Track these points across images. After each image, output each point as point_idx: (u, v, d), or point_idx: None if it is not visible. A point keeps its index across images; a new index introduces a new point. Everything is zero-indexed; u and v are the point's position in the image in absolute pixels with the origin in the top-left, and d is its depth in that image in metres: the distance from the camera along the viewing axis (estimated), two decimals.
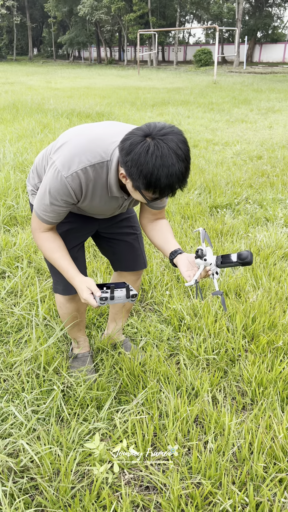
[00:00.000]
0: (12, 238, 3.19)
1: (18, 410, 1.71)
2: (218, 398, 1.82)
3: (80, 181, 1.38)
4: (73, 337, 2.01)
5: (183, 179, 1.26)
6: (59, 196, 1.41)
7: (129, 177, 1.27)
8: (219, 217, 3.76)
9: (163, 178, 1.21)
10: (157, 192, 1.26)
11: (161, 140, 1.21)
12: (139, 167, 1.21)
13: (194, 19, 53.18)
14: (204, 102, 11.96)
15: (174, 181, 1.23)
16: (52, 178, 1.40)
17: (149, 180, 1.22)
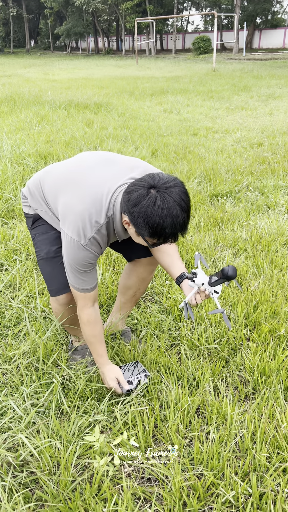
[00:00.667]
0: (10, 231, 3.16)
1: (17, 404, 1.69)
2: (220, 388, 1.80)
3: (98, 242, 1.50)
4: (72, 333, 1.98)
5: (185, 227, 1.36)
6: (85, 261, 1.52)
7: (134, 225, 1.37)
8: (220, 206, 3.71)
9: (167, 228, 1.31)
10: (161, 240, 1.36)
11: (166, 193, 1.30)
12: (145, 218, 1.30)
13: (192, 6, 52.40)
14: (203, 90, 11.81)
15: (177, 230, 1.34)
16: (72, 249, 1.50)
17: (154, 230, 1.32)
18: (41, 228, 1.75)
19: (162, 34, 49.54)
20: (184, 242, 2.98)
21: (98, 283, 1.66)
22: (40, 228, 1.75)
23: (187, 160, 5.06)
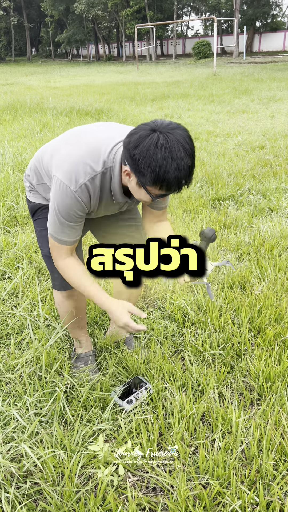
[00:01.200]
0: (13, 239, 3.16)
1: (20, 413, 1.68)
2: (225, 394, 1.77)
3: (89, 192, 1.38)
4: (75, 336, 1.97)
5: (190, 174, 1.25)
6: (71, 211, 1.39)
7: (135, 172, 1.25)
8: (222, 209, 3.70)
9: (171, 171, 1.19)
10: (164, 187, 1.24)
11: (170, 133, 1.20)
12: (147, 160, 1.19)
13: (191, 11, 52.69)
14: (204, 94, 11.83)
15: (182, 175, 1.22)
16: (60, 194, 1.38)
17: (157, 174, 1.20)
18: (42, 222, 1.69)
19: (162, 39, 49.79)
20: None
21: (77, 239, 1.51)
22: (41, 222, 1.70)
23: None
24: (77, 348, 2.01)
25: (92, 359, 1.97)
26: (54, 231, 1.45)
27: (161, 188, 1.24)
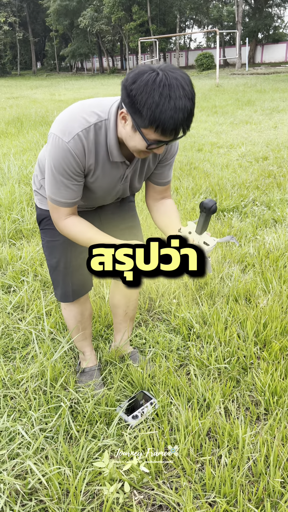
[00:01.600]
0: (18, 252, 3.18)
1: (25, 429, 1.67)
2: (231, 409, 1.76)
3: (83, 144, 1.32)
4: (79, 347, 1.97)
5: (188, 118, 1.18)
6: (65, 165, 1.33)
7: (131, 110, 1.18)
8: (226, 221, 3.71)
9: (168, 110, 1.13)
10: (159, 129, 1.17)
11: (171, 72, 1.15)
12: (144, 95, 1.13)
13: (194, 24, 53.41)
14: (207, 105, 11.93)
15: (179, 116, 1.15)
16: (53, 149, 1.33)
17: (153, 112, 1.14)
18: (48, 232, 1.68)
19: (166, 52, 50.35)
20: None
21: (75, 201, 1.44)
22: (47, 232, 1.69)
23: (193, 176, 5.08)
24: (82, 362, 2.01)
25: (97, 374, 1.97)
26: (52, 192, 1.41)
27: (156, 129, 1.18)
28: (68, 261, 1.69)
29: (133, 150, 1.32)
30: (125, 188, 1.57)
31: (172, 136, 1.21)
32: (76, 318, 1.86)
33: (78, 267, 1.71)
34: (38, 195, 1.67)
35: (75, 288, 1.74)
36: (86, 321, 1.91)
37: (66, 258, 1.68)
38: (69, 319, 1.87)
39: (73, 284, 1.73)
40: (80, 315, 1.86)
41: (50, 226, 1.65)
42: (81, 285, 1.77)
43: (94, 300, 2.48)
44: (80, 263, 1.71)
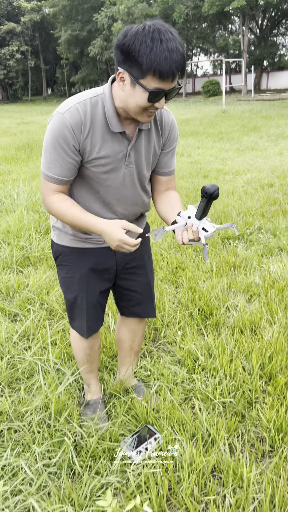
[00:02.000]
0: (25, 280, 3.21)
1: (28, 464, 1.66)
2: (235, 446, 1.74)
3: (80, 115, 1.34)
4: (85, 379, 1.97)
5: (182, 59, 1.22)
6: (60, 137, 1.35)
7: (128, 64, 1.23)
8: (232, 249, 3.73)
9: (162, 51, 1.17)
10: (157, 73, 1.20)
11: (156, 21, 1.23)
12: (137, 44, 1.18)
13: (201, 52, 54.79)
14: (213, 132, 12.13)
15: (173, 57, 1.19)
16: (51, 123, 1.37)
17: (148, 55, 1.17)
18: (65, 268, 1.69)
19: None
20: (197, 288, 2.98)
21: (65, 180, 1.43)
22: (64, 268, 1.70)
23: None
24: (87, 393, 2.00)
25: (101, 406, 1.96)
26: (44, 166, 1.42)
27: (154, 74, 1.20)
28: (84, 298, 1.69)
29: (135, 111, 1.33)
30: (131, 174, 1.52)
31: (169, 80, 1.23)
32: (85, 351, 1.87)
33: (94, 303, 1.72)
34: (55, 230, 1.68)
35: (90, 325, 1.74)
36: (94, 354, 1.91)
37: (83, 294, 1.69)
38: (78, 351, 1.88)
39: (88, 320, 1.73)
40: (90, 349, 1.87)
41: (67, 262, 1.67)
42: (96, 321, 1.77)
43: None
44: (95, 300, 1.72)
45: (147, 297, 1.84)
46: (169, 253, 3.67)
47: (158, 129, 1.54)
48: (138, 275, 1.78)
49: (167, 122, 1.55)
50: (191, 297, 2.89)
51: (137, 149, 1.49)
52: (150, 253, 1.86)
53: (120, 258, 1.71)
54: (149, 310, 1.87)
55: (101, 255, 1.66)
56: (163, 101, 1.31)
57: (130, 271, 1.76)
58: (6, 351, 2.38)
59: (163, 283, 3.16)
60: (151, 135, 1.52)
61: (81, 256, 1.65)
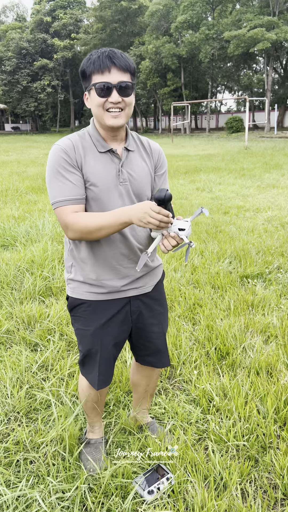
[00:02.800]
0: (46, 310, 3.31)
1: (42, 496, 1.69)
2: (248, 491, 1.74)
3: (71, 141, 1.53)
4: (90, 420, 1.98)
5: (117, 55, 1.44)
6: (58, 159, 1.50)
7: (83, 81, 1.50)
8: (250, 288, 3.76)
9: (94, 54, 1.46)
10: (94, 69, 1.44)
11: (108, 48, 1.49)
12: (84, 62, 1.48)
13: (225, 90, 56.29)
14: (235, 168, 12.33)
15: (104, 54, 1.44)
16: (48, 157, 1.54)
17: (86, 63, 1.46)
18: (79, 321, 1.73)
19: (197, 114, 52.91)
20: (214, 327, 3.01)
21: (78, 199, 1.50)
22: (78, 320, 1.73)
23: (218, 240, 5.21)
24: (89, 433, 2.00)
25: (101, 447, 1.95)
26: (53, 196, 1.50)
27: (93, 72, 1.45)
28: (98, 351, 1.70)
29: (99, 114, 1.50)
30: (128, 191, 1.58)
31: (107, 71, 1.44)
32: (93, 399, 1.85)
33: (107, 357, 1.73)
34: (70, 283, 1.71)
35: (101, 378, 1.74)
36: (101, 399, 1.90)
37: (96, 348, 1.70)
38: (85, 397, 1.86)
39: (100, 374, 1.73)
40: (97, 396, 1.86)
41: (81, 314, 1.70)
42: (108, 374, 1.77)
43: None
44: (109, 354, 1.73)
45: (162, 348, 1.85)
46: (187, 288, 3.73)
47: (147, 153, 1.68)
48: (154, 325, 1.79)
49: (154, 149, 1.70)
50: (208, 335, 2.92)
51: (129, 167, 1.60)
52: (165, 300, 1.87)
53: (135, 307, 1.73)
54: (164, 360, 1.87)
55: (116, 307, 1.69)
56: (116, 95, 1.46)
57: (146, 322, 1.77)
58: (25, 380, 2.44)
59: (181, 319, 3.20)
60: (142, 156, 1.66)
61: (96, 309, 1.68)
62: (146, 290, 1.75)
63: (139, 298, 1.74)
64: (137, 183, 1.61)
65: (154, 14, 38.63)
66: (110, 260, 1.63)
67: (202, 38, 34.77)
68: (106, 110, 1.48)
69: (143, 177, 1.63)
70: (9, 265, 4.17)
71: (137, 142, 1.66)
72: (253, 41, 31.25)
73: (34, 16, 51.56)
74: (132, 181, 1.60)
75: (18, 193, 8.57)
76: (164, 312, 1.86)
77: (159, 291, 1.82)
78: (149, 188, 1.67)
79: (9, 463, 1.89)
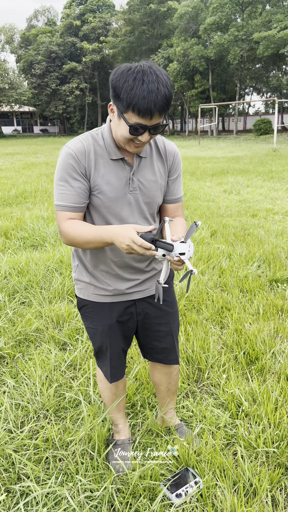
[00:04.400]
0: (74, 310, 3.34)
1: (71, 494, 1.71)
2: (278, 499, 1.70)
3: (82, 144, 1.48)
4: (112, 418, 2.00)
5: (161, 99, 1.30)
6: (66, 164, 1.47)
7: (114, 98, 1.35)
8: (280, 292, 3.69)
9: (141, 91, 1.28)
10: (136, 110, 1.31)
11: (147, 64, 1.33)
12: (121, 81, 1.30)
13: (253, 92, 55.63)
14: (263, 170, 12.15)
15: (152, 97, 1.29)
16: (59, 158, 1.51)
17: (128, 93, 1.29)
18: (89, 319, 1.77)
19: (224, 116, 52.49)
20: (243, 331, 2.97)
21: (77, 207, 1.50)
22: (88, 319, 1.77)
23: (246, 243, 5.14)
24: (115, 434, 2.02)
25: (129, 448, 1.96)
26: (55, 197, 1.51)
27: (133, 111, 1.31)
28: (108, 348, 1.76)
29: (122, 140, 1.44)
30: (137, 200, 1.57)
31: (148, 117, 1.33)
32: (111, 390, 1.91)
33: (117, 352, 1.78)
34: (78, 284, 1.75)
35: (113, 372, 1.81)
36: (120, 393, 1.94)
37: (106, 344, 1.75)
38: (104, 389, 1.92)
39: (112, 368, 1.80)
40: (115, 387, 1.90)
41: (90, 314, 1.75)
42: (119, 368, 1.84)
43: (144, 366, 2.54)
44: (119, 349, 1.78)
45: (169, 346, 1.84)
46: (215, 292, 3.70)
47: (161, 157, 1.62)
48: (161, 325, 1.79)
49: (170, 151, 1.64)
50: (237, 339, 2.88)
51: (141, 175, 1.57)
52: (174, 302, 1.85)
53: (141, 309, 1.75)
54: (172, 358, 1.88)
55: (121, 309, 1.71)
56: (147, 135, 1.40)
57: (152, 322, 1.78)
58: (54, 379, 2.47)
59: (208, 322, 3.17)
60: (154, 163, 1.60)
61: (103, 310, 1.71)
62: (151, 293, 1.76)
63: (144, 300, 1.75)
64: (148, 191, 1.59)
65: (183, 16, 38.59)
66: (113, 266, 1.64)
67: (231, 39, 34.48)
68: (130, 140, 1.44)
69: (154, 185, 1.60)
70: (39, 265, 4.24)
71: (151, 145, 1.61)
72: (283, 42, 30.79)
73: (64, 20, 52.48)
74: (143, 190, 1.58)
75: (46, 194, 8.72)
76: (174, 313, 1.84)
77: (166, 292, 1.80)
78: (160, 196, 1.65)
79: (38, 459, 1.92)
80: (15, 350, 2.82)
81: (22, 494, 1.76)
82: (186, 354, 2.71)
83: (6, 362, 2.72)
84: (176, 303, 1.87)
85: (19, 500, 1.71)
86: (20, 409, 2.25)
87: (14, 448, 1.97)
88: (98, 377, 1.95)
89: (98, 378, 1.95)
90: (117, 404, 1.95)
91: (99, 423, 2.00)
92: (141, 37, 45.67)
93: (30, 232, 5.53)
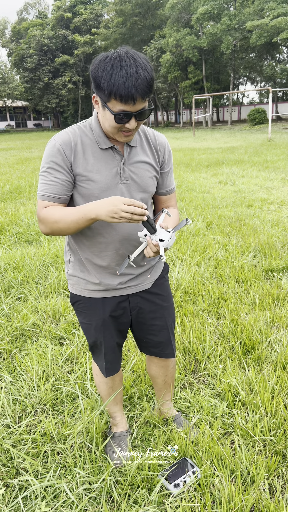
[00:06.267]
0: (70, 304, 3.34)
1: (69, 487, 1.72)
2: (275, 486, 1.71)
3: (69, 136, 1.46)
4: (109, 410, 2.00)
5: (141, 83, 1.28)
6: (51, 157, 1.45)
7: (95, 89, 1.33)
8: (275, 282, 3.70)
9: (120, 77, 1.25)
10: (118, 97, 1.28)
11: (123, 49, 1.31)
12: (100, 71, 1.29)
13: (247, 81, 55.33)
14: (258, 160, 12.12)
15: (132, 82, 1.26)
16: (45, 149, 1.50)
17: (108, 81, 1.27)
18: (82, 314, 1.76)
19: (219, 107, 52.24)
20: (239, 321, 2.98)
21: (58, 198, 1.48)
22: (81, 314, 1.76)
23: (242, 233, 5.14)
24: (113, 426, 2.03)
25: (127, 440, 1.96)
26: (38, 188, 1.50)
27: (115, 98, 1.29)
28: (102, 343, 1.75)
29: (110, 130, 1.42)
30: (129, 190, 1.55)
31: (131, 103, 1.30)
32: (107, 384, 1.91)
33: (111, 347, 1.77)
34: (70, 279, 1.74)
35: (108, 366, 1.80)
36: (116, 386, 1.94)
37: (100, 340, 1.75)
38: (100, 383, 1.92)
39: (107, 362, 1.80)
40: (111, 381, 1.90)
41: (83, 309, 1.73)
42: (114, 362, 1.83)
43: (140, 358, 2.54)
44: (113, 343, 1.77)
45: (164, 340, 1.83)
46: (211, 282, 3.70)
47: (152, 149, 1.60)
48: (156, 319, 1.78)
49: (160, 142, 1.62)
50: (233, 329, 2.89)
51: (132, 164, 1.54)
52: (169, 296, 1.84)
53: (134, 303, 1.74)
54: (167, 351, 1.87)
55: (114, 304, 1.70)
56: (133, 122, 1.37)
57: (147, 316, 1.77)
58: (51, 373, 2.48)
59: (205, 313, 3.18)
60: (146, 153, 1.58)
61: (95, 305, 1.70)
62: (144, 287, 1.74)
63: (138, 295, 1.74)
64: (140, 180, 1.57)
65: (175, 6, 38.21)
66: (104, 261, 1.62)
67: (224, 29, 34.20)
68: (119, 129, 1.41)
69: (146, 173, 1.58)
70: (34, 260, 4.23)
71: (140, 135, 1.58)
72: (276, 30, 30.56)
73: (55, 12, 51.87)
74: (135, 179, 1.56)
75: None
76: (169, 306, 1.82)
77: (160, 286, 1.79)
78: (152, 185, 1.62)
79: (37, 453, 1.93)
80: (12, 345, 2.82)
81: (21, 488, 1.76)
82: (182, 345, 2.71)
83: (3, 358, 2.72)
84: (171, 297, 1.86)
85: (18, 494, 1.72)
86: (18, 404, 2.26)
87: (12, 442, 1.97)
88: (94, 371, 1.95)
89: (94, 372, 1.95)
90: (114, 397, 1.96)
91: (97, 416, 2.01)
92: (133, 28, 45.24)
93: (25, 228, 5.51)
